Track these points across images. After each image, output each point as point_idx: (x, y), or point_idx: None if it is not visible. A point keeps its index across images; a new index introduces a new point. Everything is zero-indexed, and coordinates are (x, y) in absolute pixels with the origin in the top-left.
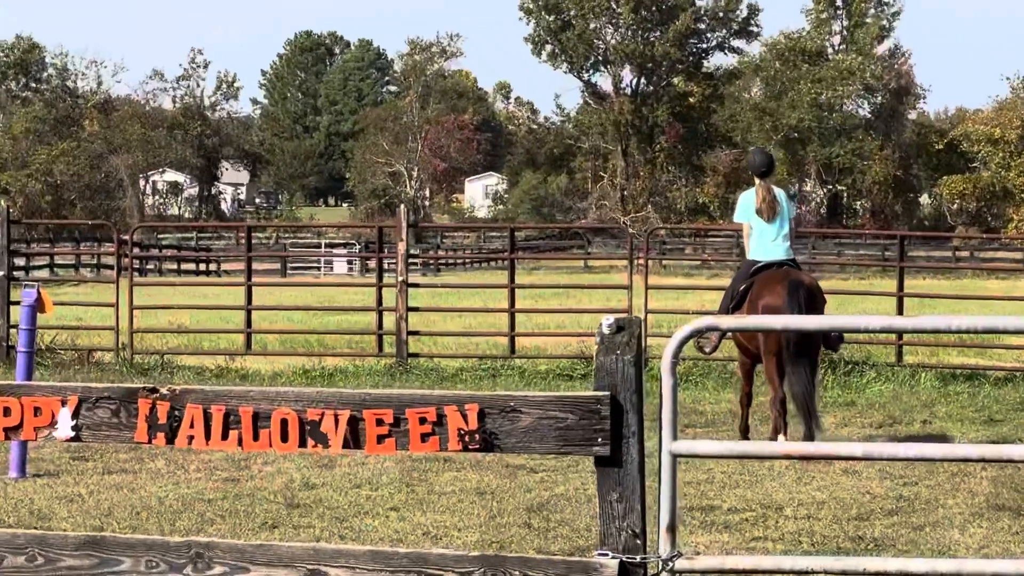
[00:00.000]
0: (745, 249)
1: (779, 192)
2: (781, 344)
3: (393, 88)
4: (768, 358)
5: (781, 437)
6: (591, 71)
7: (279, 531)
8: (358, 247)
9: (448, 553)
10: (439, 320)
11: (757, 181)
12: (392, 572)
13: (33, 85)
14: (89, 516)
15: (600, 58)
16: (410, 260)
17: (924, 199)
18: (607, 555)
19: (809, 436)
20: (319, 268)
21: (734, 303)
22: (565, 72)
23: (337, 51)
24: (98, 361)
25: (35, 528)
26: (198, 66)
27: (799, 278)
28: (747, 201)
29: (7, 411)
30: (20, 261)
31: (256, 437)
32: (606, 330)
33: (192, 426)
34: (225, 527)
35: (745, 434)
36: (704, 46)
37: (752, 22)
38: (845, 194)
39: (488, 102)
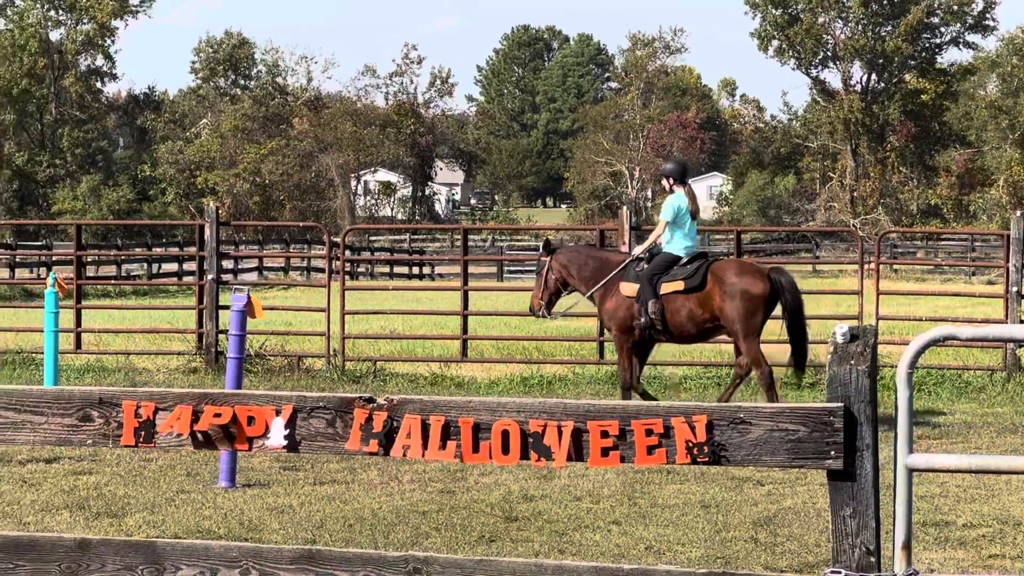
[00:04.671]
0: (658, 244)
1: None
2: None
3: (614, 85)
4: (753, 340)
5: None
6: (820, 67)
7: (497, 545)
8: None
9: (674, 569)
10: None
11: (680, 188)
12: None
13: (242, 82)
14: (301, 528)
15: (829, 54)
16: None
17: None
18: (840, 572)
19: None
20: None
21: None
22: (793, 69)
23: (555, 46)
24: (308, 368)
25: (246, 540)
26: (412, 62)
27: (765, 267)
28: (679, 203)
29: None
30: (228, 264)
31: (476, 449)
32: (840, 339)
33: (409, 436)
34: (441, 540)
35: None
36: (937, 41)
37: (988, 16)
38: None
39: (712, 100)
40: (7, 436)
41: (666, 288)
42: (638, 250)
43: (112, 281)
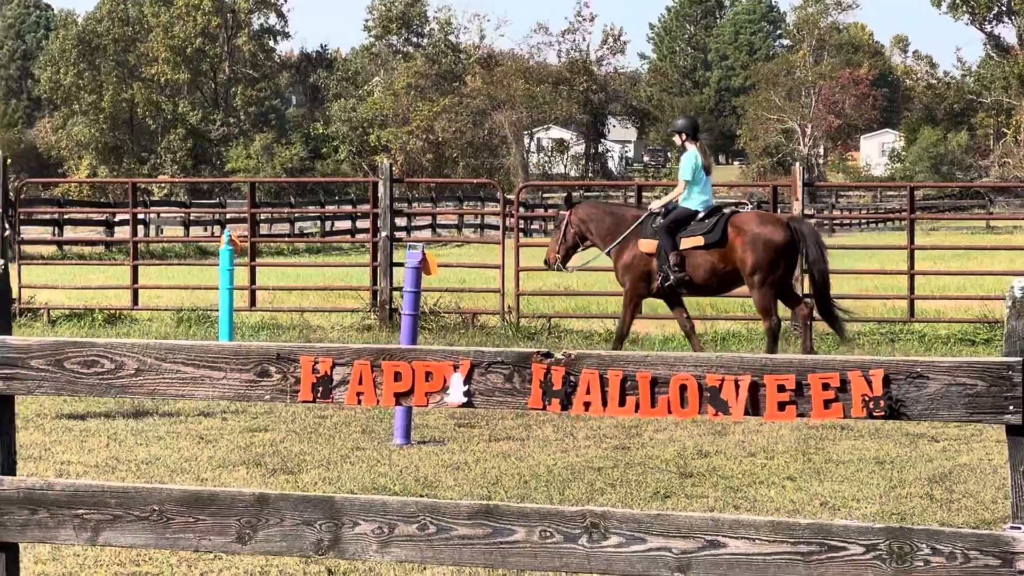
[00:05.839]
0: (673, 201)
1: None
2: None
3: (786, 42)
4: (766, 292)
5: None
6: (994, 22)
7: (672, 501)
8: (750, 207)
9: (851, 524)
10: (835, 281)
11: (693, 144)
12: (793, 543)
13: (415, 40)
14: (476, 484)
15: (1004, 8)
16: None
17: None
18: (1020, 528)
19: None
20: None
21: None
22: (966, 24)
23: (727, 3)
24: (483, 325)
25: (422, 496)
26: (584, 19)
27: (784, 216)
28: (695, 161)
29: (398, 376)
30: (402, 221)
31: (654, 403)
32: (1018, 293)
33: (588, 392)
34: (616, 496)
35: None
36: None
37: None
38: None
39: (884, 56)
40: (186, 391)
41: (686, 244)
42: (655, 205)
43: (285, 239)
